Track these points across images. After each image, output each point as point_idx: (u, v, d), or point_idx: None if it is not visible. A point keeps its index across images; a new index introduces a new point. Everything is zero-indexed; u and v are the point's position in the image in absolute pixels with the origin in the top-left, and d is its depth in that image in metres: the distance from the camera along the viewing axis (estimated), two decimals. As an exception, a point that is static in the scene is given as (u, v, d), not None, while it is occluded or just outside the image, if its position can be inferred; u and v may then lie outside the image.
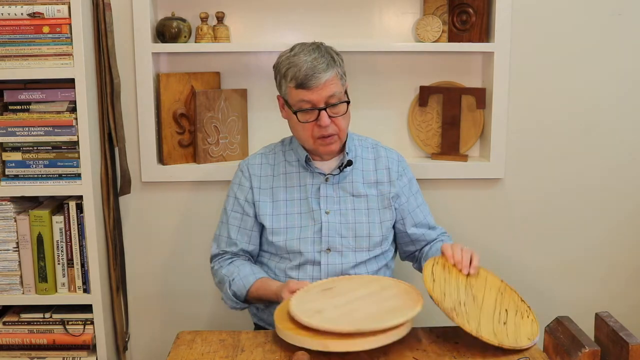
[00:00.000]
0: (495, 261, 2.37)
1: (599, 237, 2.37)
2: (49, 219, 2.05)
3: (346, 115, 1.84)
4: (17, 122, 2.01)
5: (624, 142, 2.32)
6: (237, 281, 1.81)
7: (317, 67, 1.76)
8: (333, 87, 1.79)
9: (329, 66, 1.78)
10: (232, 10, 2.24)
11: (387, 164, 1.94)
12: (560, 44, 2.25)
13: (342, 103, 1.81)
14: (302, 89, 1.78)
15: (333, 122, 1.81)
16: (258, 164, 1.95)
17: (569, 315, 1.75)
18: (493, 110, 2.23)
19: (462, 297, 1.61)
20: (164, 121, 2.21)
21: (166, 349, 1.74)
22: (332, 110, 1.80)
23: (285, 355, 1.56)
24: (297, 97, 1.80)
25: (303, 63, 1.77)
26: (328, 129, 1.80)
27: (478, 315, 1.57)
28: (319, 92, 1.77)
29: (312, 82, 1.76)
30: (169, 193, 2.29)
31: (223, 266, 1.88)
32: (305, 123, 1.81)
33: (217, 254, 1.92)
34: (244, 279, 1.80)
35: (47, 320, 2.11)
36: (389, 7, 2.26)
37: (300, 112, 1.81)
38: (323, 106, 1.78)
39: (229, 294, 1.82)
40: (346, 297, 1.61)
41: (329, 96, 1.78)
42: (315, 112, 1.79)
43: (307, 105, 1.79)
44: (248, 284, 1.80)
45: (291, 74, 1.79)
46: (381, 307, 1.56)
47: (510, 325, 1.59)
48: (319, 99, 1.78)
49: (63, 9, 1.95)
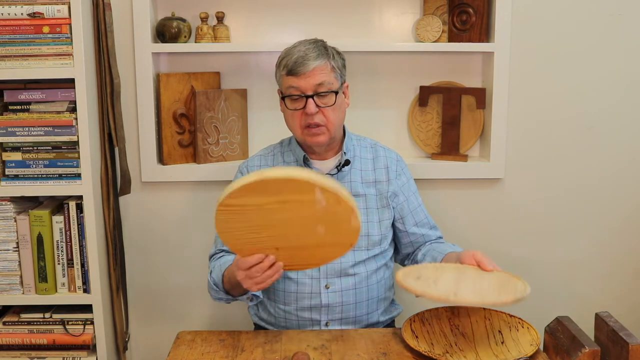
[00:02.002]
0: (495, 261, 2.37)
1: (599, 237, 2.37)
2: (49, 219, 2.05)
3: (336, 107, 1.83)
4: (17, 122, 2.01)
5: (624, 142, 2.32)
6: (216, 269, 1.80)
7: (307, 55, 1.79)
8: (322, 75, 1.79)
9: (319, 56, 1.80)
10: (232, 10, 2.24)
11: (386, 163, 1.94)
12: (560, 44, 2.25)
13: (330, 93, 1.81)
14: (291, 75, 1.80)
15: (321, 113, 1.81)
16: (257, 165, 1.95)
17: (569, 315, 1.76)
18: (493, 110, 2.23)
19: (451, 339, 1.63)
20: (164, 121, 2.21)
21: (166, 349, 1.74)
22: (321, 100, 1.81)
23: (285, 355, 1.56)
24: (286, 83, 1.82)
25: (296, 52, 1.81)
26: (314, 117, 1.80)
27: (474, 348, 1.58)
28: (306, 79, 1.78)
29: (300, 69, 1.78)
30: (169, 193, 2.29)
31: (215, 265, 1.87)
32: (294, 111, 1.82)
33: (213, 254, 1.92)
34: (223, 265, 1.79)
35: (47, 320, 2.11)
36: (389, 7, 2.26)
37: (289, 99, 1.82)
38: (310, 93, 1.79)
39: (210, 283, 1.80)
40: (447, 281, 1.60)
41: (317, 84, 1.79)
42: (303, 100, 1.80)
43: (295, 91, 1.80)
44: (224, 268, 1.77)
45: (284, 62, 1.82)
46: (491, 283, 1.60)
47: (509, 342, 1.60)
48: (306, 86, 1.79)
49: (63, 9, 1.95)
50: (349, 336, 1.68)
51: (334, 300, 1.84)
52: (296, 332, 1.72)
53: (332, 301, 1.84)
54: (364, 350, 1.60)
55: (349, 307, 1.85)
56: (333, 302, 1.84)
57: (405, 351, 1.57)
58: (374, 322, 1.91)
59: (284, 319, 1.88)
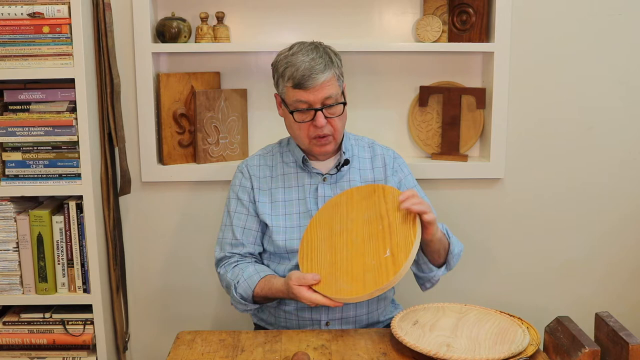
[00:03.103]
0: (495, 261, 2.38)
1: (598, 237, 2.37)
2: (49, 219, 2.05)
3: (342, 116, 1.84)
4: (17, 122, 2.01)
5: (624, 141, 2.32)
6: (241, 283, 1.79)
7: (314, 68, 1.76)
8: (330, 88, 1.79)
9: (326, 67, 1.78)
10: (232, 10, 2.24)
11: (384, 161, 1.94)
12: (560, 44, 2.25)
13: (338, 104, 1.82)
14: (299, 89, 1.78)
15: (329, 123, 1.81)
16: (257, 165, 1.95)
17: (569, 315, 1.76)
18: (493, 110, 2.23)
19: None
20: (164, 121, 2.21)
21: (166, 349, 1.74)
22: (329, 111, 1.80)
23: (285, 356, 1.56)
24: (294, 97, 1.80)
25: (301, 63, 1.77)
26: (324, 129, 1.80)
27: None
28: (315, 93, 1.77)
29: (309, 83, 1.76)
30: (169, 193, 2.29)
31: (228, 270, 1.86)
32: (301, 123, 1.82)
33: (222, 258, 1.90)
34: (249, 280, 1.79)
35: (47, 320, 2.11)
36: (389, 7, 2.26)
37: (297, 112, 1.81)
38: (319, 107, 1.79)
39: (237, 297, 1.80)
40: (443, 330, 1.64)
41: (326, 97, 1.78)
42: (312, 112, 1.79)
43: (303, 105, 1.79)
44: (253, 284, 1.78)
45: (289, 73, 1.79)
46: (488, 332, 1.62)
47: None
48: (315, 100, 1.78)
49: (63, 9, 1.95)
50: (349, 336, 1.68)
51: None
52: (296, 332, 1.72)
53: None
54: (364, 350, 1.60)
55: (349, 307, 1.85)
56: (333, 302, 1.84)
57: (406, 351, 1.57)
58: (374, 322, 1.91)
59: (284, 319, 1.88)
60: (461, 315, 1.71)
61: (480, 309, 1.74)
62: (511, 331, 1.61)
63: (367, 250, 1.66)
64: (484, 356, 1.48)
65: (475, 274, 2.37)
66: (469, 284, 2.37)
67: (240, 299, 1.80)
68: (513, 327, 1.63)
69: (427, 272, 1.85)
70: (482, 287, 2.38)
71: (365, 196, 1.79)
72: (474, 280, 2.37)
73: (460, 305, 1.76)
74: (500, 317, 1.69)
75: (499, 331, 1.62)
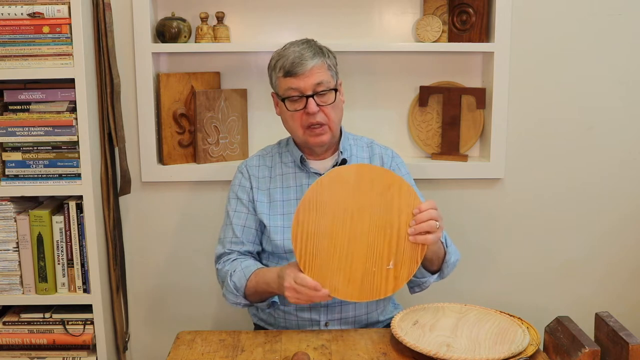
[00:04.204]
0: (495, 261, 2.38)
1: (598, 237, 2.37)
2: (49, 219, 2.05)
3: (336, 105, 1.83)
4: (17, 122, 2.01)
5: (624, 142, 2.32)
6: (237, 272, 1.79)
7: (303, 55, 1.78)
8: (320, 74, 1.79)
9: (315, 54, 1.80)
10: (232, 10, 2.24)
11: (382, 160, 1.94)
12: (560, 44, 2.25)
13: (330, 91, 1.81)
14: (290, 77, 1.79)
15: (322, 111, 1.81)
16: (256, 165, 1.95)
17: (569, 315, 1.76)
18: (493, 110, 2.23)
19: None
20: (164, 121, 2.21)
21: (166, 349, 1.74)
22: (321, 99, 1.81)
23: (285, 356, 1.56)
24: (285, 85, 1.81)
25: (291, 53, 1.80)
26: (316, 116, 1.80)
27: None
28: (305, 79, 1.78)
29: (298, 69, 1.78)
30: (169, 193, 2.29)
31: (227, 264, 1.87)
32: (294, 112, 1.82)
33: (221, 254, 1.90)
34: (245, 269, 1.78)
35: (47, 320, 2.11)
36: (388, 7, 2.26)
37: (289, 100, 1.81)
38: (310, 93, 1.79)
39: (230, 286, 1.79)
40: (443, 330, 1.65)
41: (316, 83, 1.79)
42: (303, 100, 1.80)
43: (294, 92, 1.80)
44: (249, 272, 1.77)
45: (280, 64, 1.81)
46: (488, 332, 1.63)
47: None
48: (305, 86, 1.79)
49: (63, 9, 1.95)
50: (349, 336, 1.68)
51: (333, 300, 1.84)
52: (296, 332, 1.72)
53: (331, 301, 1.84)
54: (364, 350, 1.60)
55: (348, 307, 1.85)
56: (332, 302, 1.84)
57: (406, 351, 1.57)
58: (373, 322, 1.91)
59: (283, 319, 1.88)
60: (461, 315, 1.71)
61: (480, 309, 1.74)
62: (511, 331, 1.61)
63: (370, 254, 1.63)
64: (484, 356, 1.48)
65: (475, 274, 2.37)
66: (469, 284, 2.37)
67: (234, 287, 1.78)
68: (513, 327, 1.63)
69: (419, 277, 1.83)
70: (482, 287, 2.38)
71: (379, 188, 1.63)
72: (474, 280, 2.37)
73: (460, 305, 1.76)
74: (500, 317, 1.69)
75: (499, 331, 1.62)
